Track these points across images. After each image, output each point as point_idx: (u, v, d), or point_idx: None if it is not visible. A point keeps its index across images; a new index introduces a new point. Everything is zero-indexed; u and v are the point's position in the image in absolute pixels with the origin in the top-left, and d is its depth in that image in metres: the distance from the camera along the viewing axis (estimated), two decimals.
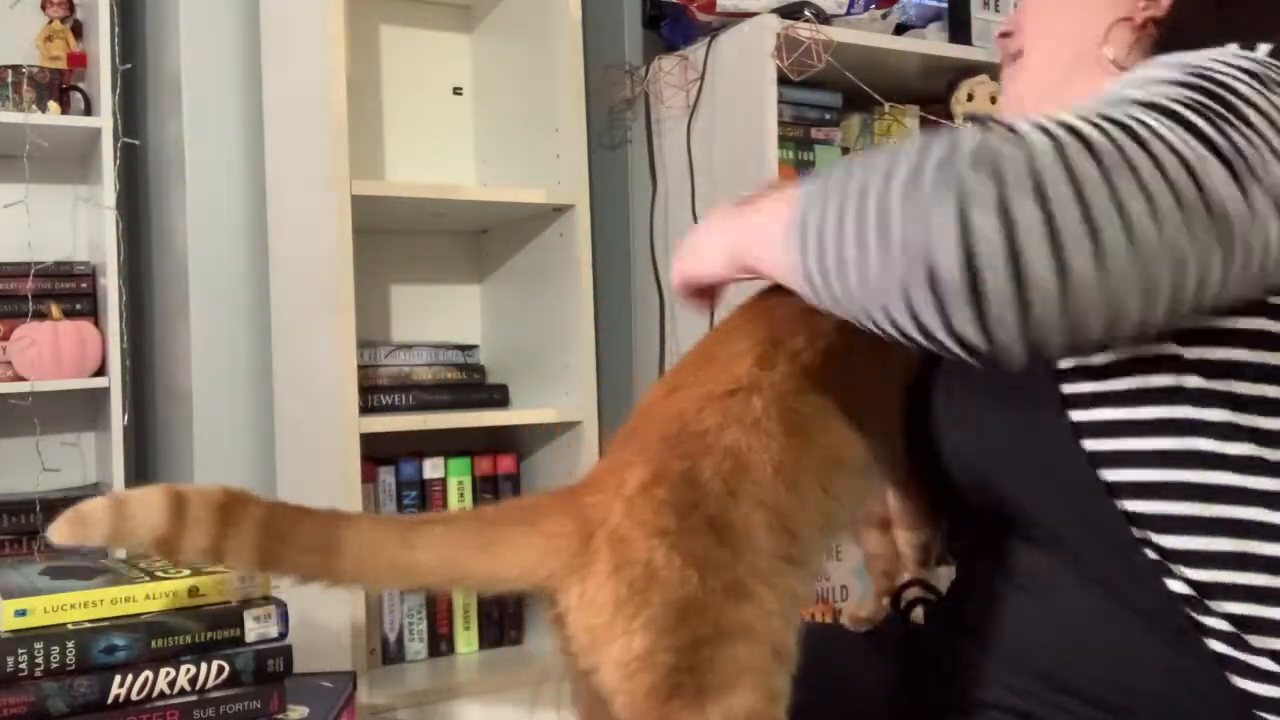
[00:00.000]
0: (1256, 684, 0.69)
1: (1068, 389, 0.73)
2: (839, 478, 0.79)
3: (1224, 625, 0.70)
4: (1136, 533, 0.72)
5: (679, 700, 0.70)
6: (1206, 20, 0.77)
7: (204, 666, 1.15)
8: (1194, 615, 0.70)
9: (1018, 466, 0.77)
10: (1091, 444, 0.72)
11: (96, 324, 1.92)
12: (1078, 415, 0.72)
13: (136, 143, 2.10)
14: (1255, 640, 0.69)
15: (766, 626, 0.72)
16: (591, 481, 0.77)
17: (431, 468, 1.77)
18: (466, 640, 1.79)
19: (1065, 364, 0.73)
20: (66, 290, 1.96)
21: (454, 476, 1.78)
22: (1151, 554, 0.71)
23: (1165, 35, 0.80)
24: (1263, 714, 0.69)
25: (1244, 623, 0.69)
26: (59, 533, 0.66)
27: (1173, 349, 0.70)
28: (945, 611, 0.95)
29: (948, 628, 0.90)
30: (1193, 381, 0.69)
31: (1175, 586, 0.71)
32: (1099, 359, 0.72)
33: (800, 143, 1.80)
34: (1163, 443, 0.70)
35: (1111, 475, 0.72)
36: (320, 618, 1.60)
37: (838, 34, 1.68)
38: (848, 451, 0.80)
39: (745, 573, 0.72)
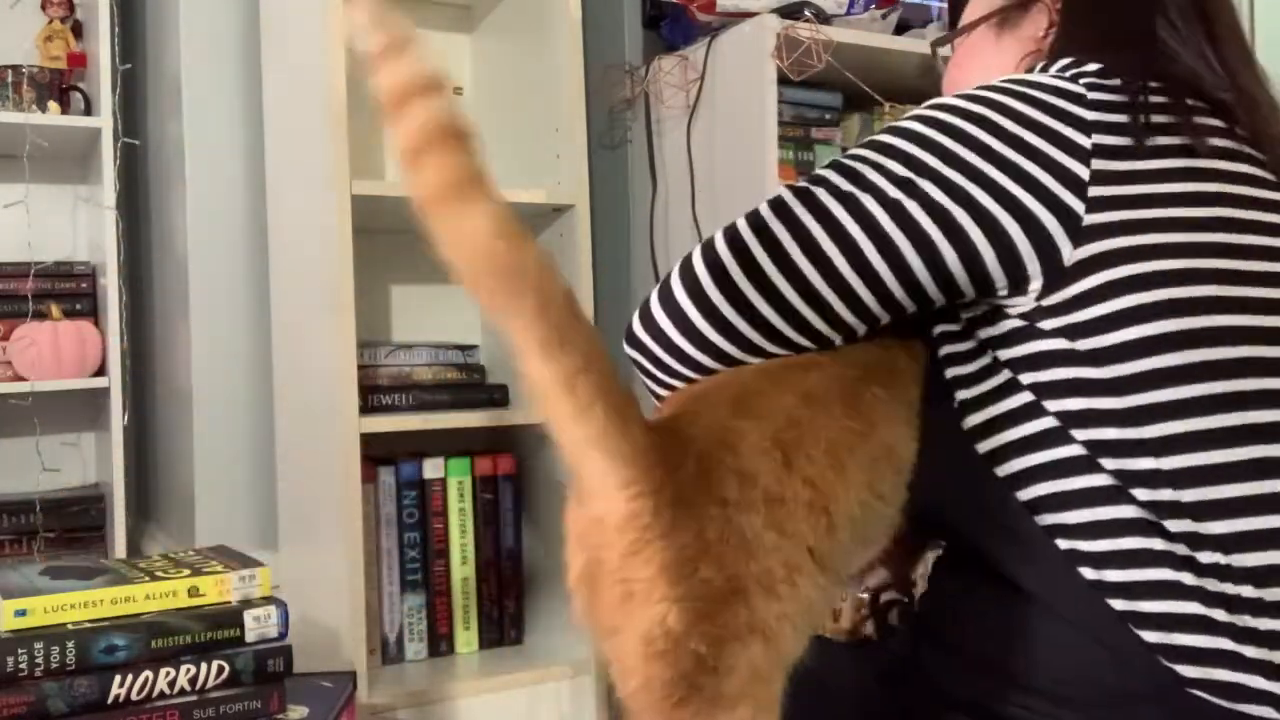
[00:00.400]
0: (1184, 666, 0.73)
1: (969, 421, 0.81)
2: (886, 475, 0.78)
3: (1140, 613, 0.74)
4: (1058, 542, 0.77)
5: (692, 707, 0.66)
6: (1082, 38, 0.88)
7: (204, 666, 1.15)
8: (1117, 609, 0.75)
9: (941, 491, 0.82)
10: (1000, 469, 0.79)
11: (96, 324, 1.92)
12: (981, 446, 0.80)
13: (136, 143, 2.10)
14: (1175, 628, 0.73)
15: (782, 632, 0.70)
16: (678, 424, 0.73)
17: (431, 468, 1.77)
18: (466, 640, 1.79)
19: (962, 395, 0.81)
20: (66, 290, 1.96)
21: (454, 476, 1.78)
22: (1068, 557, 0.76)
23: (1057, 52, 0.89)
24: (1195, 691, 0.73)
25: (1161, 616, 0.74)
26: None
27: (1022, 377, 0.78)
28: (915, 614, 0.98)
29: (915, 629, 0.93)
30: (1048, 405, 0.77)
31: (1088, 575, 0.76)
32: (975, 392, 0.81)
33: (800, 143, 1.80)
34: (1049, 454, 0.77)
35: (1022, 495, 0.78)
36: (320, 618, 1.60)
37: (838, 34, 1.68)
38: (900, 449, 0.79)
39: (778, 563, 0.69)
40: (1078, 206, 0.75)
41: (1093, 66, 0.80)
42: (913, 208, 0.76)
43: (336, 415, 1.53)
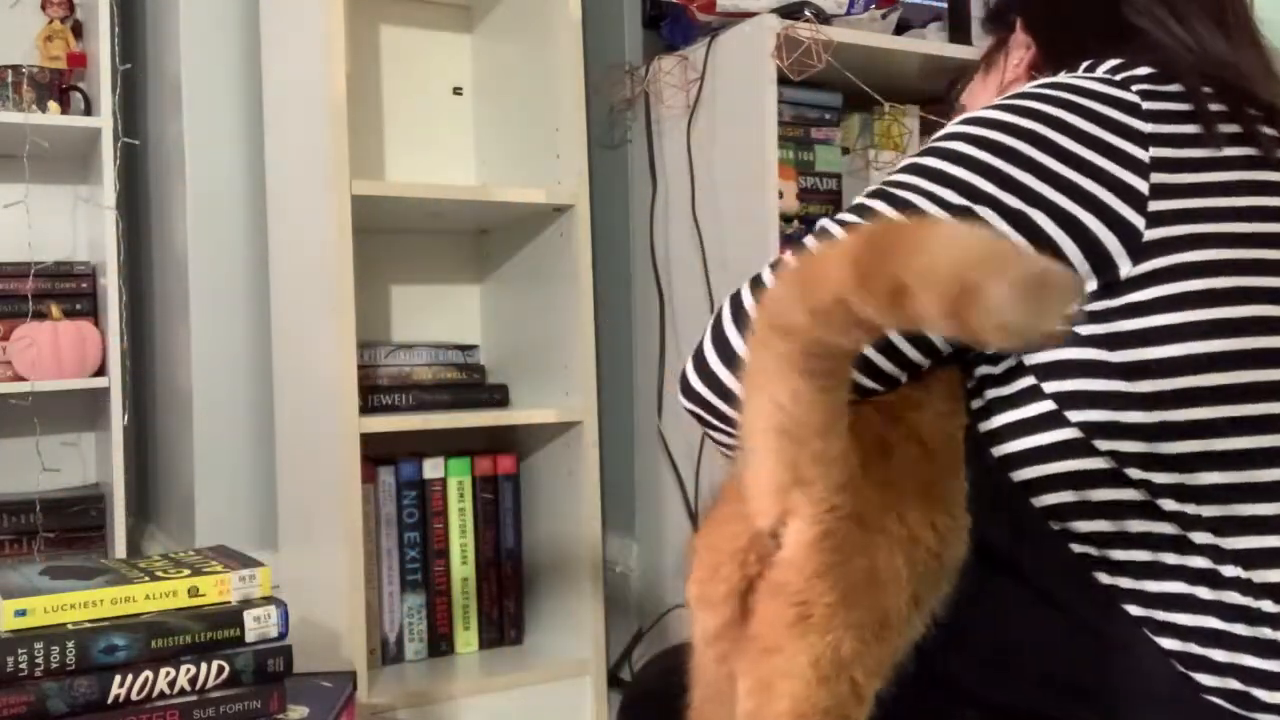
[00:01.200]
0: (1202, 675, 0.73)
1: (988, 424, 0.80)
2: (965, 507, 0.77)
3: (1157, 621, 0.74)
4: (1073, 546, 0.77)
5: None
6: (1064, 46, 0.89)
7: (204, 666, 1.15)
8: (1133, 614, 0.74)
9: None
10: (1017, 474, 0.79)
11: (96, 324, 1.92)
12: (997, 450, 0.79)
13: (136, 143, 2.10)
14: (1192, 638, 0.73)
15: (889, 669, 0.69)
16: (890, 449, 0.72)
17: (431, 468, 1.77)
18: (466, 640, 1.79)
19: (991, 394, 0.80)
20: (66, 290, 1.96)
21: (454, 476, 1.78)
22: (1083, 561, 0.76)
23: (1040, 69, 0.91)
24: (1211, 698, 0.72)
25: (1178, 627, 0.73)
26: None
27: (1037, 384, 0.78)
28: None
29: None
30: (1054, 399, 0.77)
31: (1104, 579, 0.76)
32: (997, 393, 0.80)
33: (800, 143, 1.80)
34: (1069, 465, 0.76)
35: (1038, 501, 0.78)
36: (320, 618, 1.60)
37: (838, 34, 1.68)
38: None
39: (905, 601, 0.69)
40: (1138, 222, 0.73)
41: (1144, 70, 0.78)
42: None
43: (336, 415, 1.53)
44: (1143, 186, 0.73)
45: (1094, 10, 0.88)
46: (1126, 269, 0.73)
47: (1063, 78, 0.80)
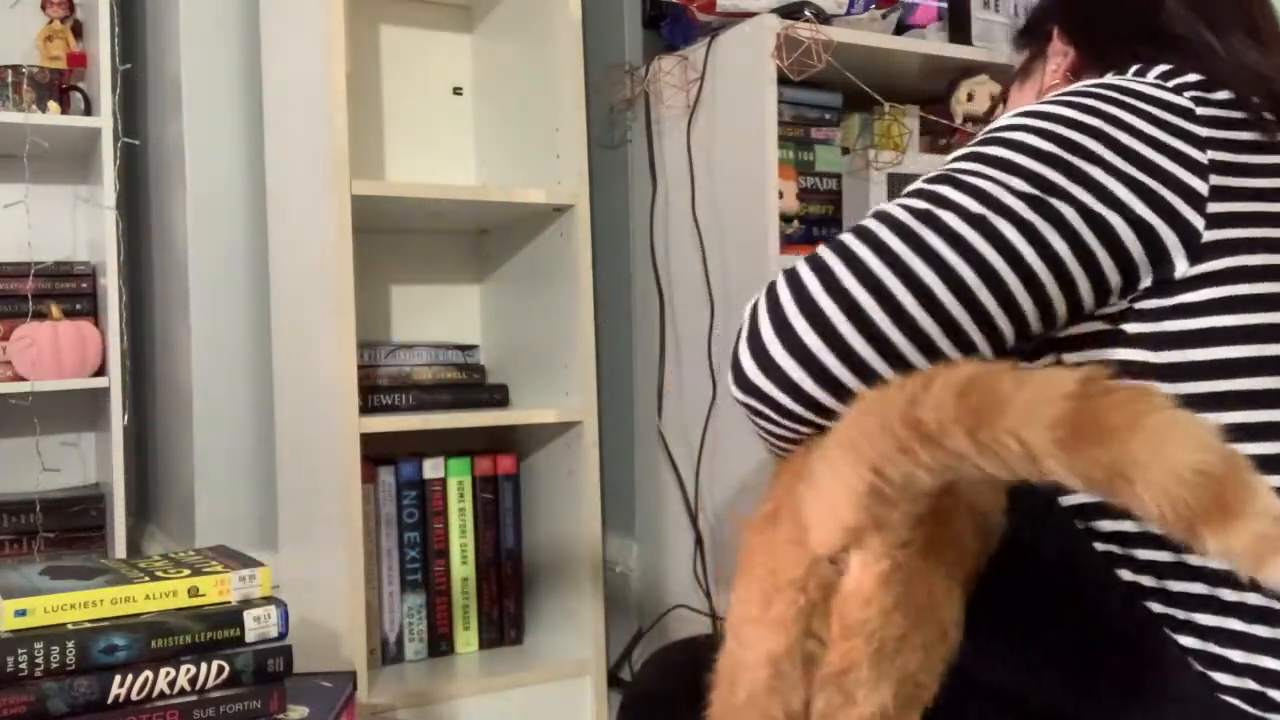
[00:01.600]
0: (1220, 674, 0.73)
1: None
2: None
3: (1177, 619, 0.74)
4: (1096, 544, 0.77)
5: None
6: (1103, 52, 0.92)
7: (204, 666, 1.15)
8: (1154, 611, 0.75)
9: None
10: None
11: (96, 324, 1.92)
12: None
13: (136, 143, 2.10)
14: (1212, 638, 0.73)
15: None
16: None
17: (431, 468, 1.77)
18: (466, 640, 1.79)
19: None
20: (66, 290, 1.96)
21: (454, 476, 1.78)
22: (1106, 558, 0.77)
23: (1079, 73, 0.94)
24: (1226, 698, 0.72)
25: (1198, 625, 0.73)
26: None
27: None
28: None
29: None
30: None
31: (1126, 576, 0.76)
32: None
33: (800, 143, 1.80)
34: None
35: (1065, 499, 0.79)
36: (320, 618, 1.60)
37: (838, 34, 1.68)
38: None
39: (961, 612, 0.70)
40: (1198, 223, 0.74)
41: (1193, 78, 0.79)
42: (1047, 231, 0.74)
43: (336, 415, 1.53)
44: (1202, 188, 0.74)
45: (1132, 18, 0.89)
46: (1183, 268, 0.74)
47: (1115, 79, 0.81)
